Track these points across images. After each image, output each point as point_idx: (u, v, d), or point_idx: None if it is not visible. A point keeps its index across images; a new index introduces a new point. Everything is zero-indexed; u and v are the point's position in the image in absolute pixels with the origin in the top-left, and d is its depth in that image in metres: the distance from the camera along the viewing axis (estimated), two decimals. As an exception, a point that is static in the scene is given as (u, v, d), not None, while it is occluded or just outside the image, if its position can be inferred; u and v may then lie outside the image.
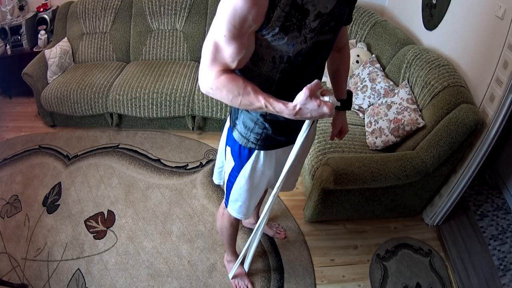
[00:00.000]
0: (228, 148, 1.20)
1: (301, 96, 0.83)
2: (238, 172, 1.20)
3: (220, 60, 0.86)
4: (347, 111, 1.35)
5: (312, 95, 0.82)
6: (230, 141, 1.18)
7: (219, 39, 0.83)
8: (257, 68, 0.95)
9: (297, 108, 0.84)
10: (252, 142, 1.11)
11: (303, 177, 2.19)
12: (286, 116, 0.87)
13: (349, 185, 1.67)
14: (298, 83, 0.88)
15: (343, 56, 1.22)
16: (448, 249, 1.93)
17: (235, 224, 1.52)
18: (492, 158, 2.35)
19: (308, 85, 0.83)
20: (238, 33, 0.80)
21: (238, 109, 1.11)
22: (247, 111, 1.07)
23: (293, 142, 1.02)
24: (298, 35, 0.85)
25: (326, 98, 0.84)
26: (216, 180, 1.45)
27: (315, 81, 0.84)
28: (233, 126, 1.15)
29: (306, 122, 0.94)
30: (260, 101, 0.87)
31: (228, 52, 0.84)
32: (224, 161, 1.27)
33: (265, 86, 0.97)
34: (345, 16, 0.96)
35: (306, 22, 0.83)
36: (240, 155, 1.16)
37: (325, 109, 0.83)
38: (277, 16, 0.79)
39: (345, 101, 1.27)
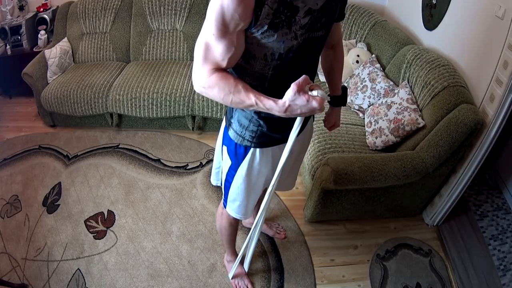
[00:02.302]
0: (225, 148, 1.20)
1: (290, 92, 0.83)
2: (235, 171, 1.20)
3: (211, 59, 0.88)
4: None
5: (300, 91, 0.82)
6: (226, 140, 1.18)
7: (209, 38, 0.84)
8: (250, 66, 0.95)
9: (286, 104, 0.84)
10: (248, 140, 1.11)
11: (303, 177, 2.19)
12: (277, 113, 0.87)
13: (349, 185, 1.67)
14: (290, 79, 0.89)
15: (337, 53, 1.23)
16: (448, 249, 1.93)
17: (234, 224, 1.52)
18: (492, 158, 2.35)
19: (296, 81, 0.83)
20: (226, 31, 0.81)
21: (233, 108, 1.11)
22: (242, 109, 1.07)
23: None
24: (288, 32, 0.85)
25: (315, 93, 0.84)
26: (213, 181, 1.44)
27: (303, 76, 0.84)
28: (228, 125, 1.15)
29: (298, 119, 0.94)
30: (251, 99, 0.87)
31: (218, 51, 0.85)
32: (221, 161, 1.27)
33: (258, 83, 0.97)
34: (337, 12, 0.96)
35: (296, 19, 0.84)
36: (236, 154, 1.16)
37: (315, 104, 0.82)
38: (265, 14, 0.80)
39: (339, 97, 1.28)
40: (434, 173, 1.75)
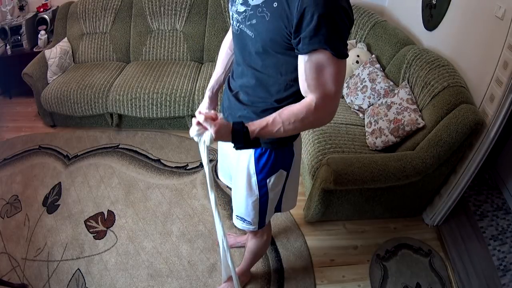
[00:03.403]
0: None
1: None
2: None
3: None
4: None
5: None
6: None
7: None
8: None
9: None
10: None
11: (303, 177, 2.19)
12: None
13: (349, 185, 1.67)
14: None
15: None
16: (448, 249, 1.93)
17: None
18: (492, 158, 2.35)
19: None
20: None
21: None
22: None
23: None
24: None
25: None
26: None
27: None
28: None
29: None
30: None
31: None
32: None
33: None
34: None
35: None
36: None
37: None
38: None
39: None
40: (434, 173, 1.75)
